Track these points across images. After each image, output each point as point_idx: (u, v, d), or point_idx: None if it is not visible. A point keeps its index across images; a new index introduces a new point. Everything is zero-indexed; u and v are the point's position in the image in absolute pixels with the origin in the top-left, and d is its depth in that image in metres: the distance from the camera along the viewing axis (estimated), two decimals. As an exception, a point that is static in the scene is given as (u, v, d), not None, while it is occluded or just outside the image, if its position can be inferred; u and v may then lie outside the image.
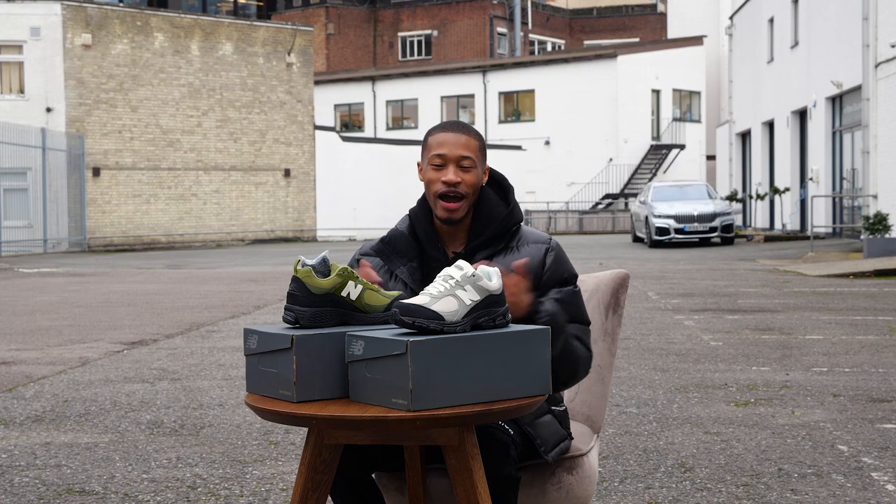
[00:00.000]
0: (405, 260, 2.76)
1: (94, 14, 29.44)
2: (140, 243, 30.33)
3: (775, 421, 5.36)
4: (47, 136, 27.81)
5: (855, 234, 23.63)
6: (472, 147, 2.69)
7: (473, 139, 2.70)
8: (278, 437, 5.14)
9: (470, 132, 2.71)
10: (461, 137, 2.69)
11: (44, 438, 5.21)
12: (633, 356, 7.65)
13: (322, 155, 34.79)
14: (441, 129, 2.72)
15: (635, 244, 27.18)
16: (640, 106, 43.51)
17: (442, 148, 2.68)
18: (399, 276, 2.75)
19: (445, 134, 2.70)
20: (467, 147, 2.69)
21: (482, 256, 2.72)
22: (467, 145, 2.69)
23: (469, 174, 2.69)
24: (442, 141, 2.69)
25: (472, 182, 2.69)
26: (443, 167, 2.69)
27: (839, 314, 10.21)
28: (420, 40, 56.12)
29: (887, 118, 20.99)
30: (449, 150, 2.68)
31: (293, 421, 2.24)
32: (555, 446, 2.72)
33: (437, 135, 2.71)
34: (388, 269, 2.77)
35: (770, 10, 31.42)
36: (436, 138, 2.70)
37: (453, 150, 2.68)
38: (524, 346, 2.31)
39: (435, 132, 2.72)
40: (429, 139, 2.73)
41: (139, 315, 11.08)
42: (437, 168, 2.69)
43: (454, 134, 2.69)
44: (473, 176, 2.69)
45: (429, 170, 2.70)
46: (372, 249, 2.82)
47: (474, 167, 2.69)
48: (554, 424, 2.75)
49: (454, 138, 2.69)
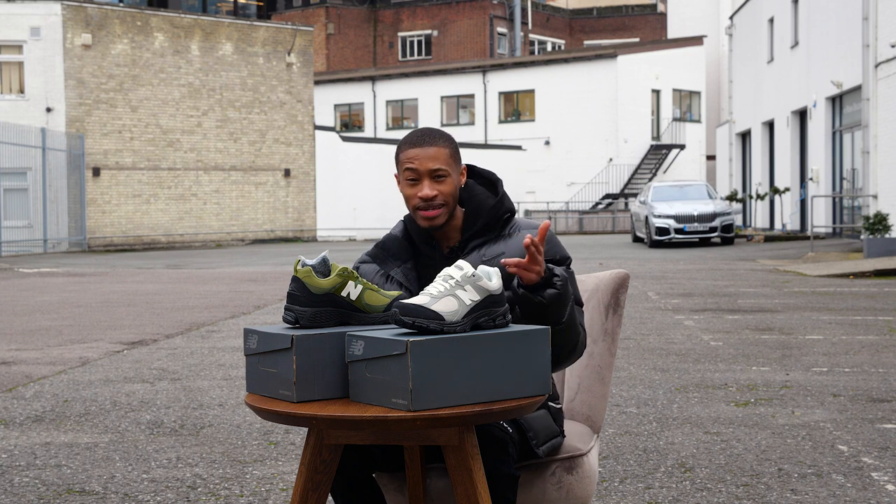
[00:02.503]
0: (399, 262, 2.78)
1: (94, 14, 29.44)
2: (140, 243, 30.33)
3: (775, 421, 5.36)
4: (47, 136, 27.81)
5: (855, 234, 23.63)
6: (443, 157, 2.68)
7: (443, 148, 2.69)
8: (278, 437, 5.14)
9: (437, 141, 2.69)
10: (429, 150, 2.68)
11: (44, 438, 5.21)
12: (633, 356, 7.64)
13: (322, 155, 34.79)
14: (409, 143, 2.70)
15: (635, 244, 27.18)
16: (640, 106, 43.51)
17: (412, 163, 2.67)
18: (394, 278, 2.77)
19: (414, 149, 2.68)
20: (437, 159, 2.67)
21: (474, 245, 2.73)
22: (437, 157, 2.67)
23: (444, 184, 2.68)
24: (412, 156, 2.68)
25: (449, 191, 2.69)
26: (417, 182, 2.68)
27: (839, 314, 10.21)
28: (420, 40, 56.11)
29: (887, 118, 20.99)
30: (419, 164, 2.67)
31: (293, 421, 2.24)
32: (546, 441, 2.73)
33: (406, 151, 2.70)
34: (383, 273, 2.79)
35: (770, 10, 31.42)
36: (406, 154, 2.69)
37: (424, 164, 2.67)
38: (524, 346, 2.31)
39: (404, 148, 2.71)
40: (399, 155, 2.72)
41: (139, 315, 11.08)
42: (412, 183, 2.69)
43: (422, 148, 2.68)
44: (449, 185, 2.69)
45: (405, 185, 2.71)
46: (368, 255, 2.85)
47: (448, 175, 2.69)
48: (547, 419, 2.75)
49: (423, 152, 2.67)
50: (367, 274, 2.81)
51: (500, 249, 2.72)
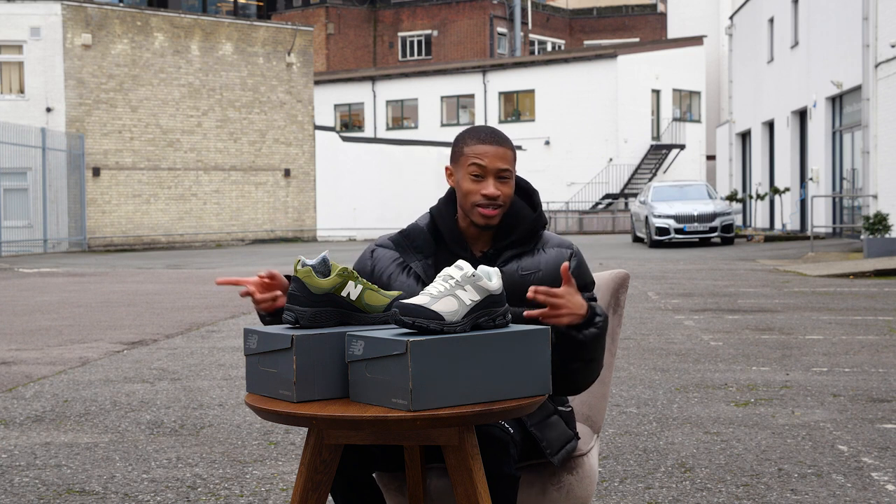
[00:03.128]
0: (421, 256, 2.76)
1: (94, 14, 29.44)
2: (140, 243, 30.33)
3: (775, 421, 5.36)
4: (47, 136, 27.80)
5: (855, 234, 23.63)
6: (509, 158, 2.69)
7: (510, 150, 2.70)
8: (278, 437, 5.14)
9: (507, 143, 2.70)
10: (500, 150, 2.68)
11: (44, 438, 5.21)
12: (633, 356, 7.65)
13: (322, 155, 34.78)
14: (478, 139, 2.69)
15: (635, 244, 27.18)
16: (640, 106, 43.51)
17: (481, 159, 2.67)
18: (413, 270, 2.74)
19: (484, 146, 2.68)
20: (504, 159, 2.68)
21: (508, 256, 2.73)
22: (504, 157, 2.68)
23: (506, 186, 2.69)
24: (481, 152, 2.67)
25: (510, 193, 2.70)
26: (481, 179, 2.67)
27: (839, 314, 10.21)
28: (420, 40, 56.11)
29: (887, 118, 20.99)
30: (489, 162, 2.67)
31: (293, 421, 2.24)
32: (561, 448, 2.72)
33: (475, 146, 2.69)
34: (402, 262, 2.77)
35: (770, 10, 31.42)
36: (474, 149, 2.68)
37: (493, 163, 2.67)
38: (524, 346, 2.31)
39: (472, 142, 2.70)
40: (465, 148, 2.70)
41: (139, 315, 11.08)
42: (476, 179, 2.67)
43: (493, 146, 2.68)
44: (510, 187, 2.70)
45: (466, 179, 2.68)
46: (389, 240, 2.82)
47: (510, 178, 2.70)
48: (560, 425, 2.75)
49: (493, 150, 2.67)
50: (384, 258, 2.78)
51: (536, 265, 2.72)
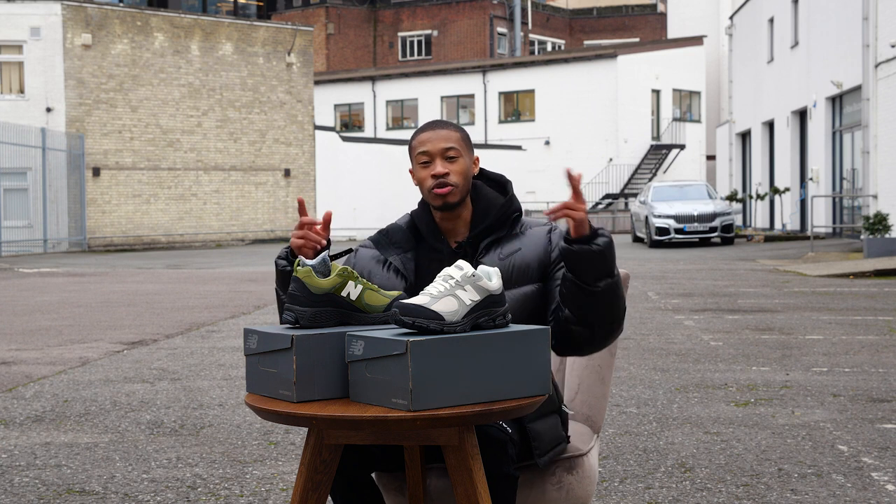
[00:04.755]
0: (399, 251, 2.82)
1: (94, 14, 29.43)
2: (140, 243, 30.32)
3: (775, 421, 5.36)
4: (47, 136, 27.80)
5: (855, 234, 23.63)
6: (454, 138, 2.76)
7: (454, 131, 2.77)
8: (278, 437, 5.14)
9: (449, 126, 2.79)
10: (441, 132, 2.76)
11: (44, 438, 5.21)
12: (633, 356, 7.64)
13: (322, 155, 34.78)
14: (421, 130, 2.80)
15: (635, 244, 27.18)
16: (640, 106, 43.50)
17: (424, 146, 2.75)
18: (392, 264, 2.80)
19: (425, 133, 2.77)
20: (448, 139, 2.75)
21: (489, 242, 2.76)
22: (448, 137, 2.75)
23: (456, 164, 2.74)
24: (424, 140, 2.76)
25: (461, 170, 2.75)
26: (429, 163, 2.75)
27: (839, 314, 10.21)
28: (420, 40, 56.10)
29: (887, 118, 20.99)
30: (431, 145, 2.74)
31: (293, 421, 2.24)
32: (550, 450, 2.72)
33: (418, 136, 2.79)
34: (382, 259, 2.83)
35: (770, 10, 31.42)
36: (418, 139, 2.78)
37: (436, 145, 2.74)
38: (524, 346, 2.31)
39: (416, 135, 2.80)
40: (413, 143, 2.80)
41: (139, 315, 11.08)
42: (425, 165, 2.75)
43: (433, 131, 2.76)
44: (461, 165, 2.75)
45: (418, 170, 2.77)
46: (369, 240, 2.90)
47: (460, 156, 2.75)
48: (556, 428, 2.75)
49: (434, 134, 2.75)
50: (364, 258, 2.86)
51: (515, 246, 2.76)
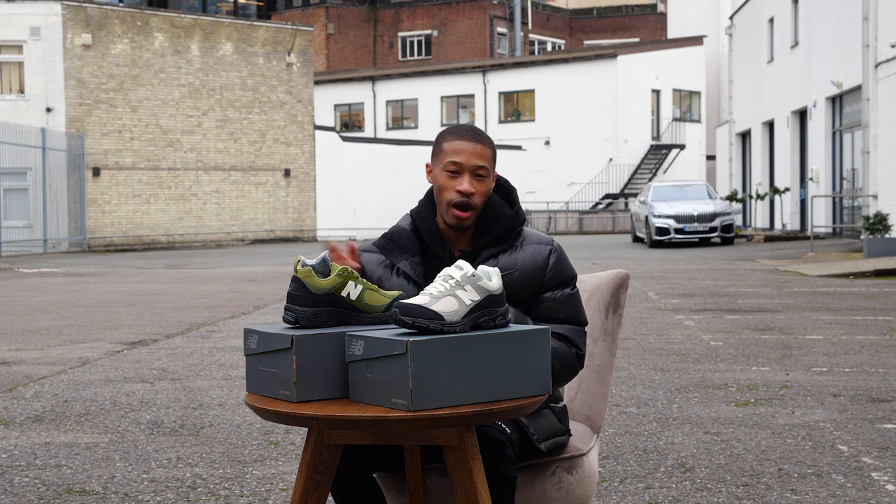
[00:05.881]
0: (407, 255, 2.76)
1: (94, 14, 29.43)
2: (140, 243, 30.32)
3: (775, 421, 5.36)
4: (47, 136, 27.80)
5: (855, 234, 23.63)
6: (487, 156, 2.68)
7: (488, 148, 2.69)
8: (278, 437, 5.14)
9: (485, 141, 2.70)
10: (477, 147, 2.67)
11: (44, 438, 5.21)
12: (633, 356, 7.64)
13: (322, 155, 34.78)
14: (457, 135, 2.69)
15: (635, 244, 27.18)
16: (640, 106, 43.51)
17: (458, 156, 2.66)
18: (402, 270, 2.74)
19: (463, 142, 2.67)
20: (482, 156, 2.67)
21: (488, 255, 2.73)
22: (482, 154, 2.67)
23: (482, 184, 2.68)
24: (459, 149, 2.67)
25: (485, 192, 2.69)
26: (458, 175, 2.67)
27: (839, 314, 10.21)
28: (420, 40, 56.10)
29: (887, 118, 20.99)
30: (466, 158, 2.66)
31: (293, 421, 2.24)
32: (549, 438, 2.72)
33: (453, 142, 2.68)
34: (389, 264, 2.77)
35: (770, 10, 31.42)
36: (452, 145, 2.68)
37: (470, 160, 2.66)
38: (524, 346, 2.31)
39: (450, 138, 2.69)
40: (444, 144, 2.70)
41: (139, 315, 11.08)
42: (452, 175, 2.67)
43: (471, 143, 2.67)
44: (486, 185, 2.69)
45: (442, 175, 2.68)
46: (374, 245, 2.81)
47: (487, 176, 2.69)
48: (551, 418, 2.75)
49: (471, 147, 2.67)
50: (370, 263, 2.78)
51: (513, 264, 2.71)
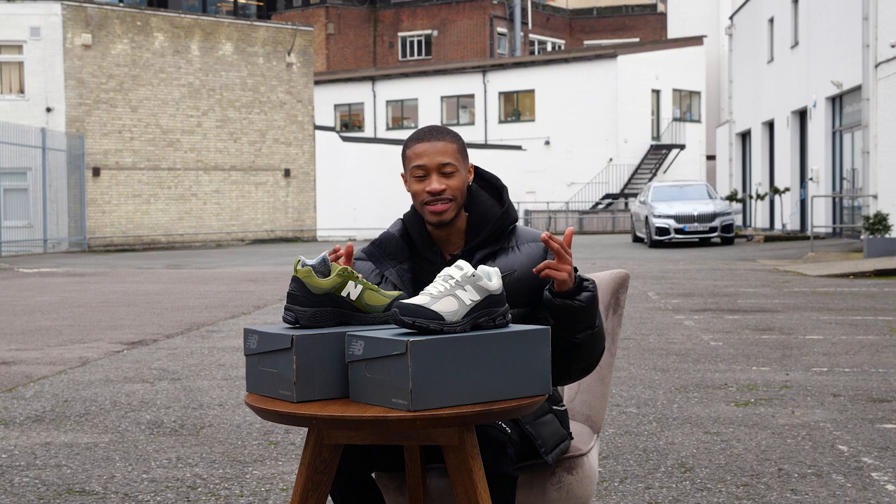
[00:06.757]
0: (395, 262, 2.75)
1: (94, 14, 29.43)
2: (140, 243, 30.32)
3: (775, 421, 5.36)
4: (47, 136, 27.80)
5: (855, 234, 23.63)
6: (451, 151, 2.68)
7: (450, 143, 2.68)
8: (278, 437, 5.14)
9: (446, 136, 2.69)
10: (437, 144, 2.67)
11: (44, 438, 5.21)
12: (633, 356, 7.65)
13: (322, 155, 34.78)
14: (416, 139, 2.70)
15: (635, 244, 27.18)
16: (640, 106, 43.51)
17: (421, 159, 2.67)
18: (388, 278, 2.74)
19: (422, 144, 2.68)
20: (445, 153, 2.67)
21: (480, 257, 2.71)
22: (445, 151, 2.67)
23: (452, 179, 2.67)
24: (420, 152, 2.67)
25: (457, 185, 2.68)
26: (425, 177, 2.67)
27: (839, 314, 10.21)
28: (420, 40, 56.10)
29: (887, 118, 20.99)
30: (428, 160, 2.66)
31: (293, 421, 2.24)
32: (555, 446, 2.72)
33: (413, 146, 2.69)
34: (378, 272, 2.77)
35: (770, 10, 31.42)
36: (413, 150, 2.69)
37: (433, 160, 2.66)
38: (524, 346, 2.31)
39: (411, 144, 2.70)
40: (407, 152, 2.71)
41: (139, 315, 11.08)
42: (420, 179, 2.68)
43: (430, 143, 2.67)
44: (457, 180, 2.68)
45: (412, 182, 2.70)
46: (363, 252, 2.82)
47: (456, 171, 2.68)
48: (555, 423, 2.75)
49: (431, 147, 2.67)
50: (360, 272, 2.78)
51: (511, 265, 2.69)
